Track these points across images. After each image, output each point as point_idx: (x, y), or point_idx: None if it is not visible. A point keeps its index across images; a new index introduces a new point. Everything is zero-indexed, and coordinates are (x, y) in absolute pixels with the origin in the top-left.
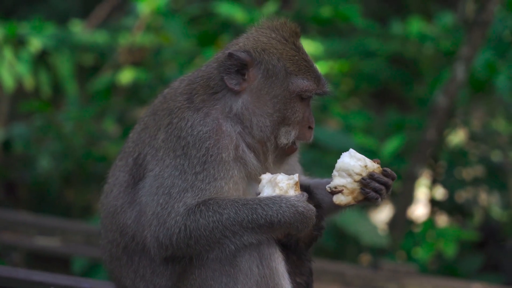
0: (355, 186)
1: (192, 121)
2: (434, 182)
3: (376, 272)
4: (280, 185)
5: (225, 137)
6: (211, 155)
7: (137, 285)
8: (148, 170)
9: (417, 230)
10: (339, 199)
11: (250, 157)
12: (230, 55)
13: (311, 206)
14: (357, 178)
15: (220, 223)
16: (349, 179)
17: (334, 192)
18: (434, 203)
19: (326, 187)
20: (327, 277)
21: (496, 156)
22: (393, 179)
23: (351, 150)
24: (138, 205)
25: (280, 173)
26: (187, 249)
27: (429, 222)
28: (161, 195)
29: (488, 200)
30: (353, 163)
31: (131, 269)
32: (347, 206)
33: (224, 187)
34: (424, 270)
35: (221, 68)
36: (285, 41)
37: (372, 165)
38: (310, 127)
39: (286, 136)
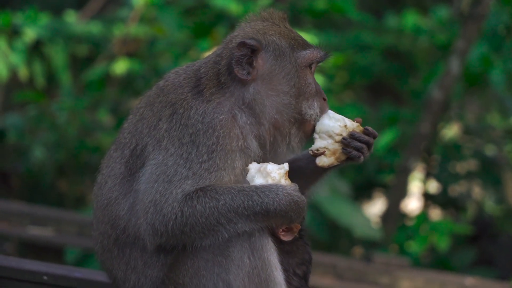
0: (337, 146)
1: (203, 110)
2: (427, 175)
3: (369, 264)
4: (272, 175)
5: (236, 127)
6: (221, 144)
7: (129, 277)
8: (150, 160)
9: (410, 223)
10: (322, 161)
11: (256, 148)
12: (242, 44)
13: (303, 197)
14: (338, 138)
15: (216, 209)
16: (330, 140)
17: (316, 154)
18: (427, 197)
19: (308, 150)
20: (319, 269)
21: (490, 150)
22: (374, 137)
23: (330, 112)
24: (131, 197)
25: (268, 162)
26: (181, 236)
27: (422, 216)
28: (161, 182)
29: (482, 194)
30: (332, 124)
31: (122, 261)
32: (331, 167)
33: (225, 177)
34: (417, 263)
35: (233, 60)
36: (277, 25)
37: (352, 125)
38: (324, 99)
39: (312, 108)
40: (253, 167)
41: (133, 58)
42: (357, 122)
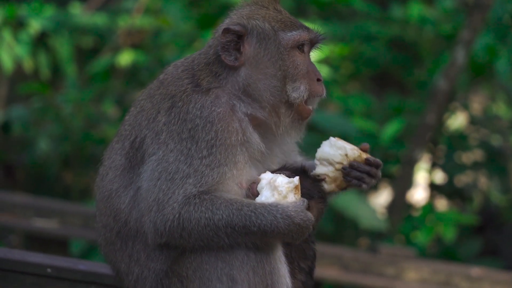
0: (337, 174)
1: (201, 103)
2: (433, 166)
3: (375, 255)
4: (279, 189)
5: (235, 120)
6: (220, 139)
7: (132, 269)
8: (150, 154)
9: (416, 214)
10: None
11: (257, 139)
12: (227, 30)
13: (309, 215)
14: (338, 166)
15: (211, 221)
16: (330, 168)
17: (317, 179)
18: (433, 187)
19: (310, 174)
20: (325, 260)
21: (496, 140)
22: (377, 166)
23: (332, 139)
24: (132, 190)
25: (280, 174)
26: (180, 240)
27: (428, 206)
28: (163, 180)
29: (488, 185)
30: (333, 152)
31: (125, 253)
32: (333, 193)
33: (227, 173)
34: (423, 254)
35: (219, 48)
36: (265, 8)
37: (353, 154)
38: (318, 80)
39: (296, 91)
40: (265, 177)
41: (138, 50)
42: (363, 148)
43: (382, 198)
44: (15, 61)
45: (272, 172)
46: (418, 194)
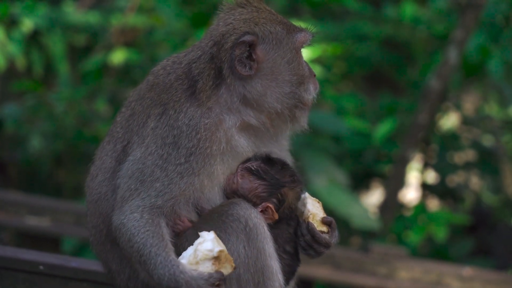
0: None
1: (192, 114)
2: (425, 166)
3: (366, 255)
4: (197, 252)
5: (220, 130)
6: (200, 148)
7: (124, 269)
8: (128, 155)
9: (408, 213)
10: None
11: (243, 144)
12: (242, 43)
13: None
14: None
15: (133, 239)
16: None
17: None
18: (425, 187)
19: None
20: (317, 259)
21: (488, 141)
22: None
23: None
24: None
25: (211, 239)
26: (119, 244)
27: (420, 206)
28: (134, 179)
29: (480, 185)
30: (311, 207)
31: (116, 254)
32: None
33: (195, 184)
34: (415, 253)
35: (235, 61)
36: (261, 10)
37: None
38: (314, 75)
39: (309, 92)
40: (202, 235)
41: (131, 48)
42: (324, 221)
43: (374, 197)
44: (8, 59)
45: (244, 161)
46: (410, 194)
